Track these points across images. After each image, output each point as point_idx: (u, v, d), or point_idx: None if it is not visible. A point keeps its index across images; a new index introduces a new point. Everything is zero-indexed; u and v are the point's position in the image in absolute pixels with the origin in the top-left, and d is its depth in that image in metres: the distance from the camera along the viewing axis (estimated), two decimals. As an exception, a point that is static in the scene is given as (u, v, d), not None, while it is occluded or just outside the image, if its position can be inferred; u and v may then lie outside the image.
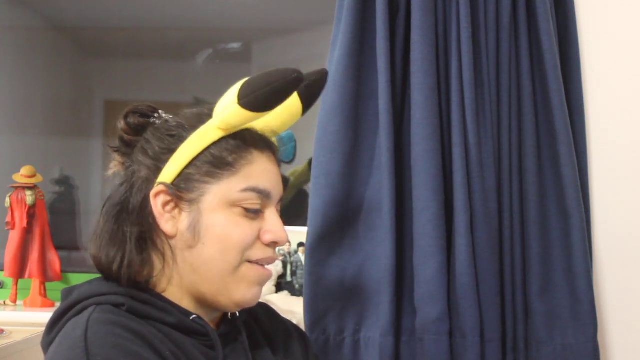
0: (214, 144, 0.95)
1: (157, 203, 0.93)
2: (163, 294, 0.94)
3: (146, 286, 0.94)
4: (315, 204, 1.37)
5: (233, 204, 0.94)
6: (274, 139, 1.03)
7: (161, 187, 0.93)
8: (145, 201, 0.94)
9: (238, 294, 0.95)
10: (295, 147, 1.81)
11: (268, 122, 1.01)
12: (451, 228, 1.34)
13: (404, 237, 1.37)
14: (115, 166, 1.00)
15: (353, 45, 1.37)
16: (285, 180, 1.03)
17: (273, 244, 0.97)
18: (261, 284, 0.98)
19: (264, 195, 0.96)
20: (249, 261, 0.95)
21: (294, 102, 1.02)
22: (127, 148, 0.99)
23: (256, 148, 0.97)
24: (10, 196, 1.74)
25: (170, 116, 0.99)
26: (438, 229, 1.31)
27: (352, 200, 1.39)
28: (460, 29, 1.35)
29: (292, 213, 1.09)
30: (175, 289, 0.95)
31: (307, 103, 1.04)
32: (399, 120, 1.41)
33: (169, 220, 0.93)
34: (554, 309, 1.37)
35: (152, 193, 0.93)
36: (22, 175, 1.75)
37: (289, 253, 1.61)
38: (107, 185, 1.97)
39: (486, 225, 1.33)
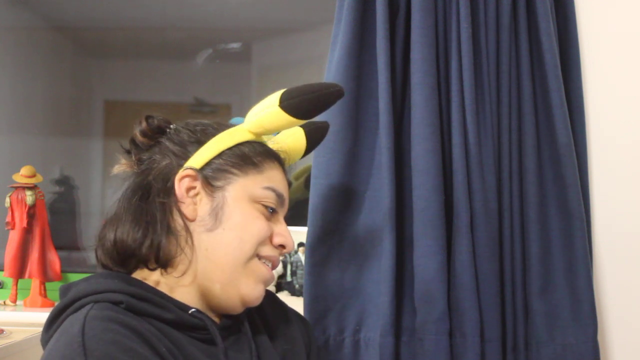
0: (243, 143, 1.00)
1: (182, 186, 0.97)
2: (180, 279, 0.96)
3: (167, 268, 0.96)
4: (315, 203, 1.37)
5: (255, 200, 0.98)
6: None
7: (188, 171, 0.97)
8: (169, 185, 0.97)
9: (246, 287, 0.97)
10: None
11: (281, 145, 1.08)
12: (451, 228, 1.34)
13: (404, 237, 1.37)
14: (120, 167, 1.03)
15: (353, 45, 1.37)
16: (289, 184, 1.08)
17: (281, 247, 1.01)
18: (265, 283, 1.01)
19: (280, 199, 1.01)
20: (259, 257, 0.99)
21: (301, 140, 1.12)
22: (139, 151, 1.02)
23: (277, 160, 1.04)
24: (10, 196, 1.74)
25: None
26: (438, 229, 1.31)
27: (352, 200, 1.39)
28: (460, 29, 1.35)
29: (292, 213, 1.11)
30: (188, 275, 0.96)
31: (310, 146, 1.14)
32: (399, 120, 1.41)
33: (190, 204, 0.96)
34: (554, 309, 1.37)
35: (177, 176, 0.97)
36: (22, 175, 1.75)
37: (289, 253, 1.61)
38: (107, 185, 1.97)
39: (486, 225, 1.33)
